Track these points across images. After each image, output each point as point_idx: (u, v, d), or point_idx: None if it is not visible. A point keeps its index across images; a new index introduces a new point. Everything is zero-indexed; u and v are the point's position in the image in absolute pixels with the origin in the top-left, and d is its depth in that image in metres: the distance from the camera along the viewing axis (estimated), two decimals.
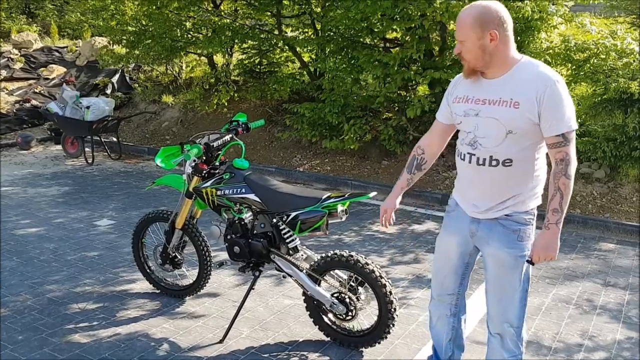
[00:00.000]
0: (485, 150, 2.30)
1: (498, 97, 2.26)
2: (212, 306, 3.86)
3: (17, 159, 8.69)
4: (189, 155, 3.43)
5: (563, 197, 2.23)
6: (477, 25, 2.20)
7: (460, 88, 2.44)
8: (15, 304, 3.83)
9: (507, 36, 2.24)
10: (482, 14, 2.20)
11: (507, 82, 2.25)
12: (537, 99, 2.17)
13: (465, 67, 2.33)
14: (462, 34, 2.25)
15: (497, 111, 2.25)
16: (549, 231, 2.27)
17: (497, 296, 2.48)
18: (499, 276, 2.45)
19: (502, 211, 2.37)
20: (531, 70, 2.24)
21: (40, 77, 12.15)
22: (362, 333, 3.30)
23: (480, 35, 2.20)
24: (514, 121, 2.22)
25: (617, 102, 6.20)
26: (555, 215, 2.25)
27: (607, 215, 5.89)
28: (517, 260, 2.39)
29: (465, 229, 2.50)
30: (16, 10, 17.52)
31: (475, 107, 2.32)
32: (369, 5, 6.71)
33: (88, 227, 5.51)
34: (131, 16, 10.16)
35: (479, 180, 2.38)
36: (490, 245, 2.43)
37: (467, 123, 2.36)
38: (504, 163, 2.29)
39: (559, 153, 2.22)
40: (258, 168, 7.73)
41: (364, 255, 3.22)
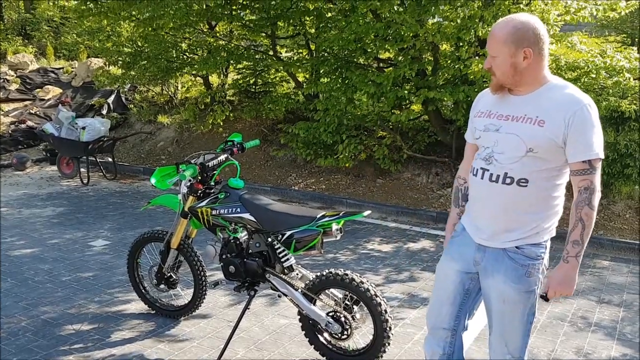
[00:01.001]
0: (500, 166, 2.15)
1: (523, 114, 2.13)
2: (207, 326, 3.85)
3: (12, 179, 8.68)
4: (184, 175, 3.45)
5: (585, 229, 2.07)
6: (510, 41, 2.07)
7: (483, 102, 2.31)
8: (10, 326, 3.82)
9: (541, 55, 2.10)
10: (518, 30, 2.06)
11: (535, 100, 2.13)
12: (565, 121, 2.04)
13: (494, 82, 2.20)
14: (494, 49, 2.12)
15: (519, 127, 2.12)
16: (567, 265, 2.10)
17: (499, 329, 2.31)
18: (502, 311, 2.27)
19: (512, 242, 2.20)
20: (562, 90, 2.11)
21: (36, 98, 12.20)
22: (358, 352, 3.30)
23: (513, 53, 2.07)
24: (535, 139, 2.08)
25: (608, 120, 6.27)
26: (576, 247, 2.08)
27: (600, 232, 5.92)
28: (523, 296, 2.21)
29: (469, 256, 2.32)
30: (12, 32, 17.63)
31: (497, 123, 2.19)
32: (362, 26, 6.81)
33: (83, 247, 5.50)
34: (127, 37, 10.26)
35: (489, 199, 2.21)
36: (494, 278, 2.24)
37: (486, 138, 2.22)
38: (519, 182, 2.12)
39: (583, 181, 2.07)
40: (253, 187, 7.75)
41: (359, 274, 3.23)
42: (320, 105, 7.71)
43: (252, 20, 8.95)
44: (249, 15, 9.17)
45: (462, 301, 2.38)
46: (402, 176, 7.67)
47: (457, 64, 6.43)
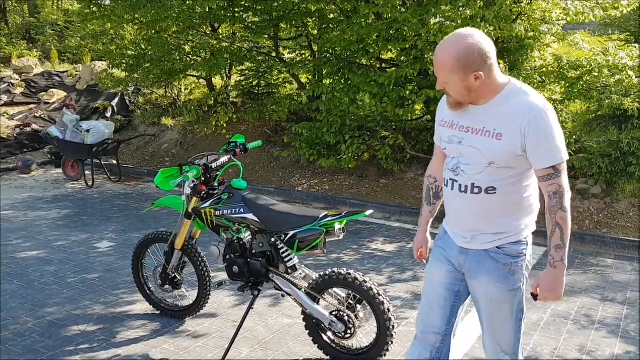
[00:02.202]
0: (467, 176, 2.17)
1: (482, 127, 2.12)
2: (212, 326, 3.87)
3: (17, 182, 8.73)
4: (187, 176, 3.48)
5: (564, 232, 2.08)
6: (458, 68, 2.02)
7: (446, 112, 2.28)
8: (16, 327, 3.85)
9: (492, 69, 2.07)
10: (463, 56, 2.01)
11: (493, 110, 2.10)
12: (521, 132, 2.03)
13: (451, 101, 2.17)
14: (442, 76, 2.08)
15: (479, 141, 2.12)
16: (555, 270, 2.11)
17: (490, 329, 2.34)
18: (490, 311, 2.30)
19: (492, 242, 2.21)
20: (518, 98, 2.08)
21: (40, 102, 12.27)
22: (361, 351, 3.32)
23: (463, 78, 2.03)
24: (494, 153, 2.09)
25: (611, 118, 6.28)
26: (559, 251, 2.09)
27: (604, 230, 5.92)
28: (508, 294, 2.23)
29: (454, 259, 2.33)
30: (17, 36, 17.73)
31: (459, 135, 2.19)
32: (364, 27, 6.83)
33: (88, 249, 5.54)
34: (130, 40, 10.31)
35: (463, 209, 2.23)
36: (479, 279, 2.26)
37: (451, 149, 2.24)
38: (487, 191, 2.14)
39: (551, 186, 2.08)
40: (257, 188, 7.78)
41: (363, 273, 3.25)
42: (323, 105, 7.74)
43: (255, 22, 8.99)
44: (252, 17, 9.21)
45: (453, 304, 2.37)
46: (405, 176, 7.68)
47: None
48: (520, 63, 6.85)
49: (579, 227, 6.01)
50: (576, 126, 7.01)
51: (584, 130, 6.66)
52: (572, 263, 5.18)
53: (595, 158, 6.38)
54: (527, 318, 3.98)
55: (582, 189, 6.49)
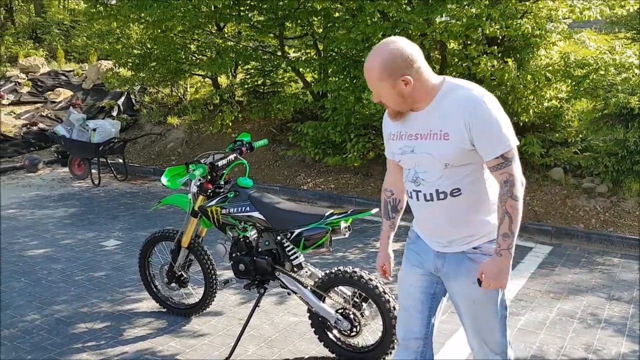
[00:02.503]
0: (428, 184, 2.15)
1: (428, 130, 2.11)
2: (218, 324, 3.89)
3: (24, 181, 8.79)
4: (194, 174, 3.50)
5: (512, 221, 2.05)
6: (385, 77, 2.04)
7: (391, 125, 2.27)
8: (24, 324, 3.88)
9: (420, 72, 2.07)
10: (387, 64, 2.03)
11: (434, 112, 2.10)
12: (465, 126, 2.02)
13: (390, 111, 2.19)
14: (374, 88, 2.10)
15: (429, 146, 2.11)
16: (500, 258, 2.08)
17: (475, 330, 2.31)
18: (473, 312, 2.26)
19: (469, 244, 2.19)
20: (455, 94, 2.08)
21: (47, 101, 12.33)
22: (367, 349, 3.32)
23: (393, 84, 2.05)
24: (446, 154, 2.08)
25: (617, 116, 6.25)
26: (507, 240, 2.07)
27: (610, 229, 5.90)
28: (489, 293, 2.21)
29: (429, 262, 2.30)
30: (23, 35, 17.81)
31: (410, 144, 2.17)
32: (370, 25, 6.83)
33: (95, 247, 5.56)
34: (136, 39, 10.34)
35: (432, 217, 2.21)
36: (458, 281, 2.23)
37: (406, 160, 2.22)
38: (453, 194, 2.13)
39: (501, 175, 2.05)
40: (263, 187, 7.79)
41: (368, 272, 3.26)
42: (329, 104, 7.74)
43: (260, 21, 9.00)
44: (257, 16, 9.22)
45: (430, 307, 2.37)
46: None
47: (465, 62, 6.43)
48: (526, 61, 6.83)
49: (585, 226, 6.00)
50: (582, 125, 6.99)
51: (590, 129, 6.64)
52: (578, 262, 5.17)
53: (601, 156, 6.36)
54: (533, 317, 3.99)
55: (588, 188, 6.47)
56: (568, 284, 4.64)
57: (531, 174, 6.81)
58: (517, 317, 3.99)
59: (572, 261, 5.18)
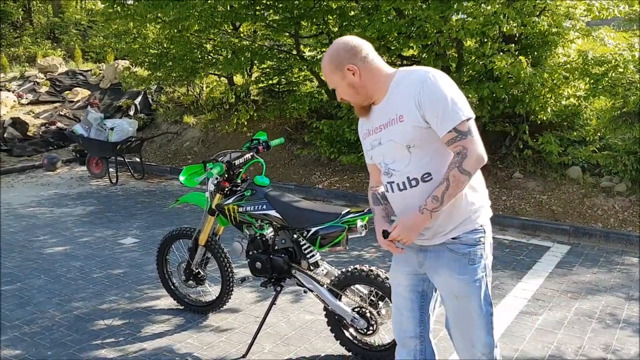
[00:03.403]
0: (399, 173, 2.16)
1: (387, 119, 2.15)
2: (235, 322, 3.91)
3: (43, 180, 8.90)
4: (211, 173, 3.52)
5: (448, 189, 2.03)
6: (333, 68, 2.16)
7: (362, 125, 2.33)
8: (44, 321, 3.94)
9: (367, 61, 2.15)
10: (332, 56, 2.16)
11: (390, 101, 2.15)
12: (416, 103, 2.04)
13: (355, 108, 2.28)
14: (330, 82, 2.22)
15: (390, 132, 2.14)
16: (421, 215, 2.08)
17: (459, 327, 2.26)
18: (455, 307, 2.23)
19: (448, 234, 2.16)
20: (405, 78, 2.13)
21: (65, 100, 12.48)
22: (384, 348, 3.32)
23: (341, 76, 2.15)
24: (405, 134, 2.09)
25: (636, 115, 6.18)
26: (434, 203, 2.05)
27: (629, 228, 5.83)
28: (471, 286, 2.16)
29: (412, 260, 2.30)
30: (41, 36, 18.04)
31: (377, 137, 2.21)
32: (385, 24, 6.81)
33: (113, 245, 5.62)
34: (153, 39, 10.42)
35: (408, 207, 2.16)
36: (439, 274, 2.21)
37: (376, 154, 2.25)
38: (424, 179, 2.12)
39: (455, 147, 2.03)
40: (278, 185, 7.81)
41: (384, 270, 3.26)
42: (344, 103, 7.72)
43: (276, 20, 9.02)
44: (273, 16, 9.23)
45: (420, 305, 2.36)
46: None
47: (482, 60, 6.39)
48: (543, 59, 6.77)
49: (603, 225, 5.93)
50: (601, 123, 6.91)
51: (608, 127, 6.56)
52: (596, 261, 5.12)
53: (620, 155, 6.28)
54: (551, 317, 3.96)
55: (606, 187, 6.40)
56: (586, 284, 4.59)
57: (549, 173, 6.76)
58: (535, 317, 3.96)
59: (591, 261, 5.13)
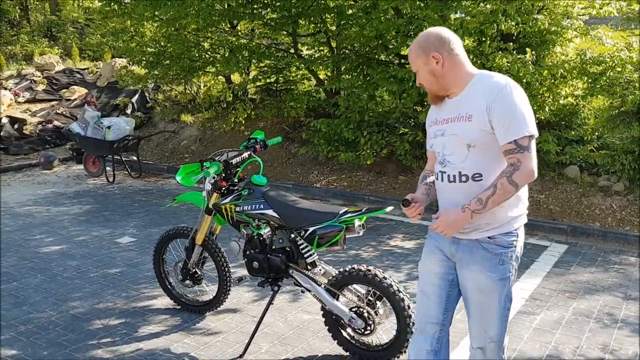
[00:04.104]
0: (453, 166, 2.27)
1: (457, 114, 2.26)
2: (232, 321, 3.90)
3: (39, 178, 8.87)
4: (208, 172, 3.50)
5: (494, 195, 2.15)
6: (419, 52, 2.26)
7: (431, 113, 2.45)
8: (40, 320, 3.92)
9: (453, 54, 2.25)
10: (422, 41, 2.27)
11: (464, 98, 2.25)
12: (486, 108, 2.15)
13: (429, 95, 2.37)
14: (413, 66, 2.32)
15: (455, 127, 2.26)
16: (463, 213, 2.20)
17: (478, 318, 2.39)
18: (479, 300, 2.34)
19: (484, 232, 2.27)
20: (484, 81, 2.23)
21: (62, 99, 12.43)
22: (381, 347, 3.31)
23: (425, 61, 2.25)
24: (469, 134, 2.20)
25: (634, 114, 6.17)
26: (478, 205, 2.17)
27: (627, 228, 5.83)
28: (497, 283, 2.28)
29: (446, 248, 2.40)
30: (38, 34, 17.99)
31: (442, 128, 2.33)
32: (383, 22, 6.79)
33: (110, 244, 5.60)
34: (150, 37, 10.39)
35: (452, 198, 2.30)
36: (470, 269, 2.32)
37: (436, 144, 2.37)
38: (474, 178, 2.24)
39: (510, 159, 2.15)
40: (275, 184, 7.80)
41: (382, 270, 3.25)
42: (342, 102, 7.72)
43: (274, 18, 8.99)
44: (270, 14, 9.21)
45: (448, 292, 2.44)
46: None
47: (480, 59, 6.38)
48: (542, 58, 6.77)
49: (601, 225, 5.93)
50: (598, 122, 6.91)
51: (606, 127, 6.56)
52: (594, 261, 5.11)
53: (618, 155, 6.28)
54: (549, 316, 3.96)
55: (604, 186, 6.40)
56: (584, 283, 4.59)
57: (546, 172, 6.75)
58: (533, 316, 3.96)
59: (588, 260, 5.13)
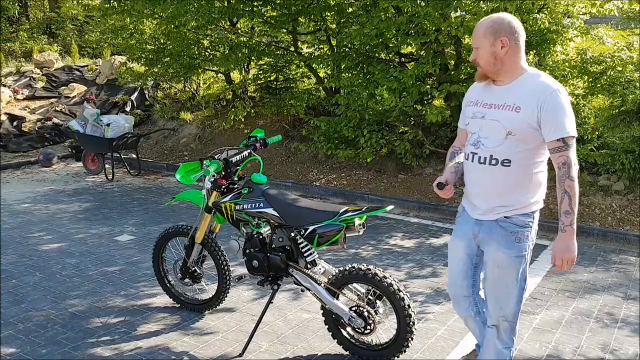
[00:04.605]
0: (486, 149, 2.48)
1: (503, 102, 2.44)
2: (231, 320, 3.89)
3: (38, 176, 8.85)
4: (208, 170, 3.49)
5: (571, 199, 2.36)
6: (489, 32, 2.41)
7: (472, 92, 2.64)
8: (39, 318, 3.90)
9: (517, 45, 2.42)
10: (495, 23, 2.41)
11: (513, 89, 2.44)
12: (537, 106, 2.35)
13: (479, 72, 2.53)
14: (477, 41, 2.46)
15: (499, 114, 2.44)
16: (565, 234, 2.39)
17: (494, 294, 2.62)
18: (496, 276, 2.58)
19: (502, 213, 2.50)
20: (535, 80, 2.42)
21: (61, 96, 12.40)
22: (381, 347, 3.30)
23: (492, 42, 2.40)
24: (513, 123, 2.40)
25: (634, 114, 6.16)
26: (568, 217, 2.37)
27: (627, 227, 5.83)
28: (513, 261, 2.51)
29: (469, 231, 2.65)
30: (37, 31, 17.93)
31: (482, 111, 2.51)
32: (384, 20, 6.77)
33: (109, 242, 5.59)
34: (150, 35, 10.36)
35: (480, 179, 2.54)
36: (489, 246, 2.57)
37: (473, 124, 2.55)
38: (503, 163, 2.45)
39: (560, 157, 2.37)
40: (275, 183, 7.79)
41: (382, 269, 3.24)
42: (342, 100, 7.70)
43: (273, 16, 8.97)
44: (270, 12, 9.19)
45: (474, 272, 2.75)
46: (424, 171, 7.63)
47: None
48: (542, 57, 6.75)
49: (601, 224, 5.93)
50: (599, 122, 6.89)
51: (607, 126, 6.54)
52: (594, 260, 5.11)
53: (618, 154, 6.27)
54: (549, 316, 3.96)
55: (604, 186, 6.39)
56: (584, 283, 4.58)
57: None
58: (533, 316, 3.95)
59: (588, 260, 5.13)
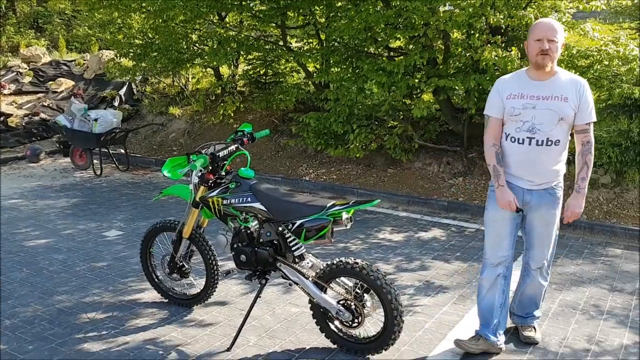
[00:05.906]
0: (543, 133, 3.05)
1: (550, 94, 3.04)
2: (220, 315, 3.89)
3: (26, 171, 8.78)
4: (195, 165, 3.48)
5: (589, 169, 3.13)
6: (562, 32, 3.02)
7: (509, 86, 3.15)
8: (26, 314, 3.88)
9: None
10: (562, 29, 3.03)
11: (554, 84, 3.06)
12: (577, 95, 3.03)
13: (540, 61, 3.00)
14: (552, 34, 2.97)
15: (551, 104, 3.03)
16: (579, 194, 3.17)
17: (541, 244, 3.31)
18: (544, 232, 3.28)
19: (550, 183, 3.17)
20: (566, 75, 3.11)
21: (48, 91, 12.29)
22: (369, 340, 3.32)
23: (562, 42, 3.04)
24: (564, 111, 3.02)
25: (621, 107, 6.21)
26: (584, 182, 3.15)
27: (613, 220, 5.88)
28: (556, 217, 3.26)
29: (519, 198, 3.17)
30: (24, 25, 17.74)
31: (532, 102, 3.06)
32: (373, 15, 6.77)
33: (97, 238, 5.56)
34: (138, 29, 10.29)
35: (537, 157, 3.09)
36: (540, 209, 3.21)
37: (525, 114, 3.06)
38: (556, 143, 3.07)
39: (585, 137, 3.11)
40: (264, 177, 7.78)
41: (370, 263, 3.25)
42: (331, 95, 7.70)
43: (262, 10, 8.94)
44: (259, 6, 9.15)
45: (515, 234, 3.29)
46: (413, 166, 7.66)
47: (468, 51, 6.38)
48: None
49: (587, 217, 5.98)
50: None
51: None
52: (580, 253, 5.16)
53: (605, 147, 6.32)
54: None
55: (591, 179, 6.43)
56: (570, 275, 4.62)
57: None
58: None
59: (575, 252, 5.17)
